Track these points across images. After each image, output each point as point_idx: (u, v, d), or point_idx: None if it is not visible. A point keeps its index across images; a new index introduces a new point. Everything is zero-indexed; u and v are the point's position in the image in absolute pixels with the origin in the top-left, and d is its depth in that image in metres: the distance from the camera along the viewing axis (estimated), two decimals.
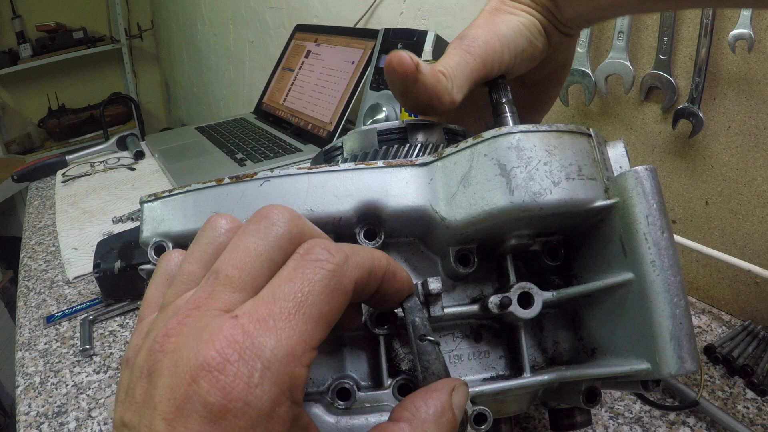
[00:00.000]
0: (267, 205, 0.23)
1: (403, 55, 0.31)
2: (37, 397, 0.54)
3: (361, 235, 0.30)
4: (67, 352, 0.60)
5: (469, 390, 0.29)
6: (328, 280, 0.20)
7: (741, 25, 0.52)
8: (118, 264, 0.65)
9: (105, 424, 0.50)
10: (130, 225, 0.87)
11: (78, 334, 0.63)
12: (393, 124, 0.35)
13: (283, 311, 0.19)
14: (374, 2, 1.16)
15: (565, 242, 0.33)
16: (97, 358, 0.59)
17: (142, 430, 0.18)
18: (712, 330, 0.59)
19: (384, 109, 0.97)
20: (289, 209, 0.23)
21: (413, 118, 0.37)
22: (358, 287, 0.22)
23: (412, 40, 0.95)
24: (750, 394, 0.49)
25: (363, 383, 0.31)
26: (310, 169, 0.30)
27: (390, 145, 0.35)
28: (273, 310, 0.19)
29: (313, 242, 0.21)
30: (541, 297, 0.30)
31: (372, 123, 0.95)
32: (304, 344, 0.19)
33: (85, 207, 0.96)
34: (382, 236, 0.31)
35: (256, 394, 0.17)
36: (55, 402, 0.53)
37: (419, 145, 0.34)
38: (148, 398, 0.19)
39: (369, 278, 0.22)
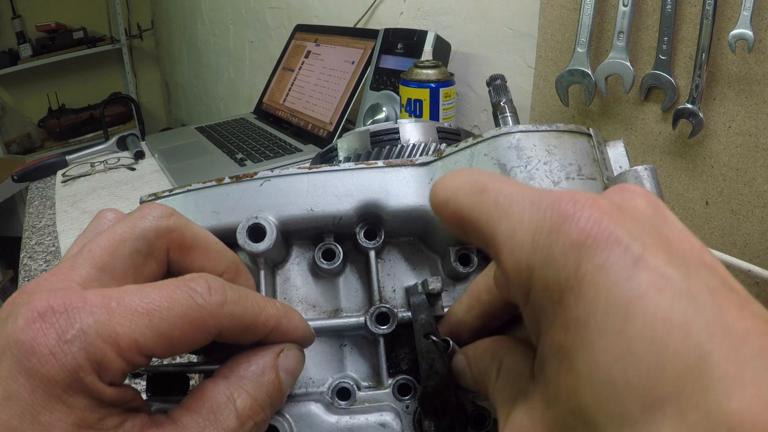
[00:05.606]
0: (147, 203, 0.23)
1: None
2: None
3: (362, 234, 0.30)
4: None
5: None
6: (192, 311, 0.20)
7: (741, 25, 0.52)
8: None
9: None
10: None
11: None
12: (386, 125, 0.35)
13: (131, 305, 0.19)
14: (374, 2, 1.16)
15: None
16: None
17: None
18: None
19: (384, 109, 0.97)
20: (169, 207, 0.23)
21: (412, 118, 0.37)
22: (227, 334, 0.21)
23: (412, 40, 0.95)
24: None
25: (363, 383, 0.31)
26: (310, 168, 0.30)
27: (382, 146, 0.35)
28: (123, 299, 0.19)
29: (201, 275, 0.21)
30: None
31: (372, 123, 0.95)
32: (132, 342, 0.18)
33: (86, 207, 0.96)
34: (382, 236, 0.31)
35: (62, 349, 0.17)
36: None
37: (411, 145, 0.34)
38: None
39: (244, 332, 0.22)
